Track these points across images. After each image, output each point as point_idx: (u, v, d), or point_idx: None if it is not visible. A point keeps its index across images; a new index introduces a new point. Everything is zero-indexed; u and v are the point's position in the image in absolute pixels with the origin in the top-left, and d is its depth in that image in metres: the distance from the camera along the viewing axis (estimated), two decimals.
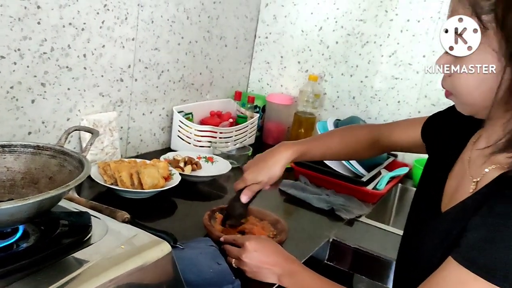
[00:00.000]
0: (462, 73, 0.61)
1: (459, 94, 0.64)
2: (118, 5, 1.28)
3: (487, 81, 0.58)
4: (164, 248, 0.71)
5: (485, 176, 0.66)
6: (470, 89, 0.62)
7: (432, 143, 0.88)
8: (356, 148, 1.08)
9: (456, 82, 0.63)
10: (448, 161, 0.77)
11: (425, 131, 0.92)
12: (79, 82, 1.24)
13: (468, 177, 0.69)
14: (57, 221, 0.70)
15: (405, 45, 1.68)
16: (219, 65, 1.78)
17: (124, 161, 1.25)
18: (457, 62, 0.62)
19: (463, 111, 0.67)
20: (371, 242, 1.19)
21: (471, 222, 0.60)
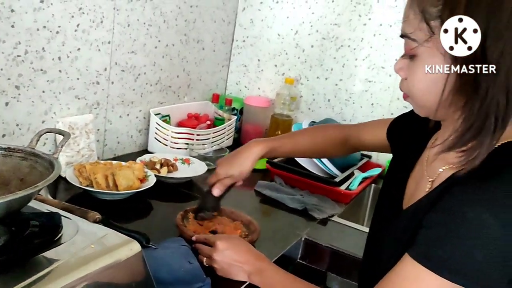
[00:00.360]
0: (415, 76, 0.64)
1: (414, 96, 0.67)
2: (94, 8, 1.29)
3: (437, 84, 0.61)
4: (134, 248, 0.73)
5: (440, 176, 0.69)
6: (423, 91, 0.65)
7: (396, 144, 0.92)
8: (326, 146, 1.12)
9: (411, 85, 0.66)
10: (410, 161, 0.80)
11: (390, 132, 0.96)
12: (54, 85, 1.25)
13: (425, 177, 0.73)
14: (28, 222, 0.72)
15: (378, 49, 1.72)
16: (197, 68, 1.80)
17: (99, 163, 1.26)
18: (411, 66, 0.65)
19: (419, 113, 0.70)
20: (344, 241, 1.23)
21: (425, 220, 0.63)
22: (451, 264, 0.58)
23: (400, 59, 0.68)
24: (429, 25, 0.60)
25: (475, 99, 0.59)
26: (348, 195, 1.44)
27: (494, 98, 0.57)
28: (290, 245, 1.15)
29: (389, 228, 0.76)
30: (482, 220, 0.56)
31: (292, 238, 1.18)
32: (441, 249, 0.59)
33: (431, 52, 0.61)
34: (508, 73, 0.56)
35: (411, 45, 0.64)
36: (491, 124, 0.58)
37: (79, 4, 1.24)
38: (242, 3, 1.94)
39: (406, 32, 0.64)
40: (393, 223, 0.75)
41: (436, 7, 0.60)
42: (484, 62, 0.57)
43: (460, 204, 0.59)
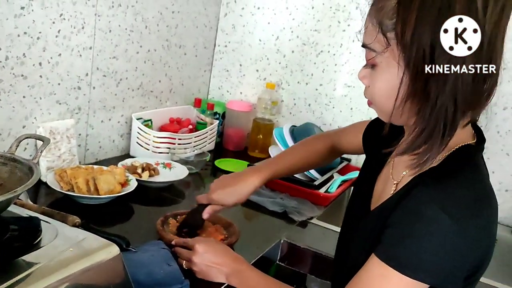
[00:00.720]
0: (376, 84, 0.68)
1: (375, 103, 0.71)
2: (75, 14, 1.30)
3: (394, 91, 0.65)
4: (113, 251, 0.75)
5: (403, 178, 0.73)
6: (383, 98, 0.68)
7: (369, 146, 0.96)
8: (317, 160, 1.16)
9: (372, 92, 0.69)
10: (378, 163, 0.84)
11: (365, 135, 0.99)
12: (35, 90, 1.26)
13: (391, 179, 0.77)
14: (7, 226, 0.72)
15: (357, 55, 1.76)
16: (179, 72, 1.82)
17: (81, 167, 1.27)
18: (372, 74, 0.69)
19: (383, 119, 0.74)
20: (322, 243, 1.25)
21: (388, 220, 0.66)
22: (412, 262, 0.61)
23: (363, 68, 0.72)
24: (385, 36, 0.64)
25: (426, 106, 0.62)
26: (327, 198, 1.47)
27: (443, 105, 0.61)
28: (269, 247, 1.17)
29: (357, 228, 0.79)
30: (437, 218, 0.60)
31: (271, 240, 1.21)
32: (402, 247, 0.62)
33: (388, 62, 0.65)
34: (456, 82, 0.60)
35: (371, 55, 0.67)
36: (440, 130, 0.62)
37: (60, 10, 1.25)
38: (224, 9, 1.97)
39: (366, 42, 0.68)
40: (361, 223, 0.78)
41: (391, 19, 0.63)
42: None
43: (417, 204, 0.63)
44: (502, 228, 1.56)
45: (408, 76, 0.63)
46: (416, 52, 0.61)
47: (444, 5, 0.59)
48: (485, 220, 0.63)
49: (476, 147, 0.70)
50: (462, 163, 0.66)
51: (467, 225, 0.60)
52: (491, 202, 0.65)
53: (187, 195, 1.43)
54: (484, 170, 0.69)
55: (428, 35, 0.60)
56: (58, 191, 1.18)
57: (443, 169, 0.65)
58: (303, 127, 1.69)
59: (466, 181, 0.64)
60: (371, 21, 0.66)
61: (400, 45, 0.62)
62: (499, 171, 1.57)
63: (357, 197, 0.87)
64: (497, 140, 1.56)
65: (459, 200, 0.61)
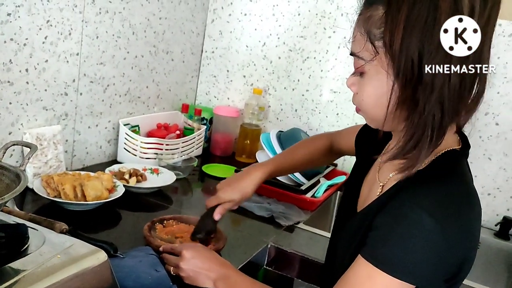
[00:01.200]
0: (364, 92, 0.70)
1: (364, 110, 0.72)
2: (62, 21, 1.30)
3: (383, 98, 0.67)
4: (100, 257, 0.75)
5: (389, 181, 0.75)
6: (371, 105, 0.70)
7: (360, 149, 0.98)
8: (318, 157, 1.19)
9: (361, 99, 0.71)
10: (365, 166, 0.86)
11: (357, 138, 1.02)
12: (22, 97, 1.25)
13: (377, 182, 0.79)
14: None
15: (342, 61, 1.78)
16: (166, 78, 1.83)
17: (68, 173, 1.27)
18: (360, 82, 0.70)
19: (371, 125, 0.75)
20: (309, 247, 1.27)
21: (374, 222, 0.68)
22: (396, 263, 0.63)
23: (351, 75, 0.73)
24: (374, 45, 0.66)
25: (415, 113, 0.64)
26: (314, 202, 1.49)
27: (430, 113, 0.62)
28: (257, 252, 1.18)
29: (344, 229, 0.81)
30: (421, 220, 0.61)
31: (258, 245, 1.22)
32: (387, 248, 0.64)
33: (377, 70, 0.67)
34: (443, 90, 0.62)
35: (359, 63, 0.69)
36: (428, 136, 0.63)
37: (47, 16, 1.26)
38: (211, 15, 1.98)
39: (354, 51, 0.70)
40: (347, 225, 0.80)
41: (379, 29, 0.65)
42: (420, 81, 0.62)
43: (402, 206, 0.65)
44: (485, 231, 1.59)
45: (397, 85, 0.64)
46: (405, 61, 0.62)
47: (430, 15, 0.61)
48: (467, 223, 0.65)
49: (461, 153, 0.72)
50: (447, 168, 0.68)
51: (450, 228, 0.62)
52: (474, 206, 0.67)
53: (175, 200, 1.44)
54: (468, 175, 0.72)
55: (415, 44, 0.61)
56: (45, 198, 1.18)
57: (428, 173, 0.67)
58: (290, 132, 1.71)
59: (450, 185, 0.66)
60: (359, 30, 0.68)
61: (389, 54, 0.64)
62: (481, 175, 1.60)
63: (345, 199, 0.89)
64: (479, 145, 1.59)
65: (443, 203, 0.63)
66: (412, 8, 0.61)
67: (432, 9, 0.60)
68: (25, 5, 1.19)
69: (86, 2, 1.37)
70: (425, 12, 0.61)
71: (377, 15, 0.65)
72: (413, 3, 0.61)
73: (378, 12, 0.65)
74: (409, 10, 0.61)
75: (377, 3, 0.66)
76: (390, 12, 0.63)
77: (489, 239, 1.55)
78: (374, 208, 0.72)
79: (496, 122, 1.57)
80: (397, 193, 0.68)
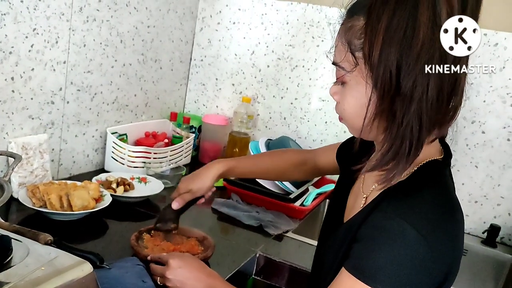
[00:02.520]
0: (345, 101, 0.70)
1: (346, 118, 0.73)
2: (48, 29, 1.29)
3: (363, 109, 0.67)
4: (85, 268, 0.74)
5: (372, 192, 0.75)
6: (352, 115, 0.70)
7: (343, 163, 0.98)
8: (284, 169, 1.18)
9: (342, 108, 0.71)
10: (351, 178, 0.86)
11: (339, 153, 1.02)
12: (7, 105, 1.24)
13: (361, 193, 0.79)
14: None
15: (330, 69, 1.79)
16: (154, 86, 1.82)
17: (54, 183, 1.26)
18: (342, 91, 0.71)
19: (353, 134, 0.76)
20: (298, 256, 1.26)
21: (357, 234, 0.68)
22: (379, 275, 0.63)
23: (334, 84, 0.73)
24: (354, 55, 0.66)
25: (393, 125, 0.64)
26: (302, 211, 1.49)
27: (408, 124, 0.63)
28: (245, 261, 1.18)
29: (330, 241, 0.80)
30: (404, 232, 0.61)
31: (247, 254, 1.21)
32: (371, 261, 0.64)
33: (357, 80, 0.67)
34: (420, 102, 0.62)
35: (340, 72, 0.69)
36: (406, 147, 0.64)
37: (33, 25, 1.25)
38: (200, 24, 1.98)
39: (335, 60, 0.70)
40: (333, 236, 0.80)
41: (360, 39, 0.65)
42: (398, 92, 0.63)
43: (384, 218, 0.64)
44: (472, 239, 1.60)
45: (376, 95, 0.65)
46: (383, 72, 0.63)
47: (409, 27, 0.61)
48: (450, 233, 0.65)
49: (443, 162, 0.72)
50: (428, 178, 0.68)
51: (432, 239, 0.62)
52: (456, 216, 0.67)
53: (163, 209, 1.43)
54: (450, 184, 0.72)
55: (394, 56, 0.62)
56: (30, 208, 1.16)
57: (410, 184, 0.67)
58: (278, 140, 1.71)
59: (431, 196, 0.66)
60: (340, 40, 0.69)
61: (368, 65, 0.64)
62: (468, 183, 1.61)
63: (332, 209, 0.89)
64: (466, 153, 1.60)
65: (425, 214, 0.63)
66: (392, 20, 0.61)
67: (411, 21, 0.61)
68: (11, 13, 1.18)
69: (74, 10, 1.36)
70: (404, 24, 0.61)
71: (358, 26, 0.66)
72: (392, 14, 0.61)
73: (359, 23, 0.66)
74: (388, 21, 0.62)
75: (358, 14, 0.66)
76: (370, 23, 0.64)
77: (477, 247, 1.56)
78: (358, 220, 0.72)
79: (482, 130, 1.59)
80: (380, 204, 0.68)
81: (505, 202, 1.60)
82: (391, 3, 0.62)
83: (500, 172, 1.59)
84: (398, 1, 0.61)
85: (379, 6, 0.63)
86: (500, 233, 1.57)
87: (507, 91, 1.55)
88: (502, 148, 1.58)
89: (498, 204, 1.60)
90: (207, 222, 1.39)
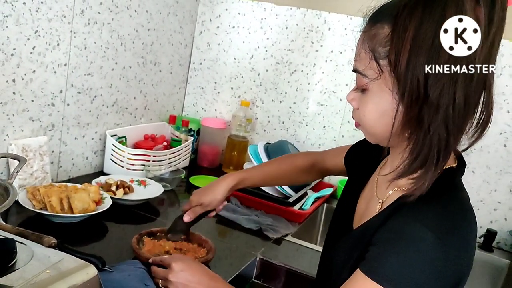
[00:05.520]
0: (366, 108, 0.70)
1: (365, 125, 0.73)
2: (50, 31, 1.30)
3: (386, 115, 0.67)
4: (90, 272, 0.74)
5: (389, 198, 0.75)
6: (373, 121, 0.70)
7: (351, 168, 0.99)
8: (293, 174, 1.19)
9: (362, 115, 0.71)
10: (360, 183, 0.86)
11: (347, 157, 1.03)
12: (7, 107, 1.24)
13: (375, 198, 0.79)
14: None
15: (329, 74, 1.80)
16: (154, 89, 1.82)
17: (54, 185, 1.25)
18: (362, 98, 0.71)
19: (370, 140, 0.76)
20: (297, 259, 1.27)
21: (374, 238, 0.68)
22: (395, 277, 0.63)
23: (352, 91, 0.73)
24: (378, 63, 0.66)
25: (420, 132, 0.64)
26: (301, 214, 1.50)
27: (435, 132, 0.63)
28: (245, 265, 1.18)
29: (339, 246, 0.81)
30: (424, 237, 0.62)
31: (247, 257, 1.22)
32: (388, 263, 0.64)
33: (381, 88, 0.67)
34: (447, 110, 0.62)
35: (363, 80, 0.69)
36: (435, 155, 0.64)
37: (35, 27, 1.25)
38: (199, 27, 1.99)
39: (358, 68, 0.70)
40: (343, 241, 0.80)
41: (385, 47, 0.65)
42: (426, 101, 0.63)
43: (403, 223, 0.65)
44: None
45: (402, 104, 0.65)
46: (411, 81, 0.63)
47: (437, 36, 0.61)
48: (466, 240, 0.66)
49: (458, 170, 0.73)
50: (446, 186, 0.69)
51: (451, 245, 0.63)
52: (472, 223, 0.69)
53: (162, 212, 1.43)
54: (465, 192, 0.73)
55: (422, 65, 0.62)
56: (30, 210, 1.16)
57: (429, 191, 0.67)
58: (277, 144, 1.72)
59: (451, 203, 0.67)
60: (363, 48, 0.68)
61: (394, 73, 0.65)
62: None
63: (339, 216, 0.89)
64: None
65: (444, 221, 0.64)
66: (419, 29, 0.62)
67: (439, 30, 0.61)
68: (13, 15, 1.18)
69: (75, 13, 1.36)
70: (432, 33, 0.61)
71: (383, 34, 0.66)
72: (420, 23, 0.62)
73: (384, 31, 0.66)
74: (415, 31, 0.62)
75: (382, 22, 0.66)
76: (397, 31, 0.64)
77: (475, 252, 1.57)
78: (374, 224, 0.72)
79: None
80: (398, 210, 0.68)
81: (501, 207, 1.61)
82: (418, 12, 0.62)
83: (496, 177, 1.60)
84: (425, 10, 0.62)
85: (406, 15, 0.63)
86: (496, 238, 1.59)
87: (504, 98, 1.57)
88: (498, 154, 1.60)
89: (495, 209, 1.62)
90: (206, 226, 1.39)
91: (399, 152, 0.71)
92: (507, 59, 1.55)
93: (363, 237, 0.73)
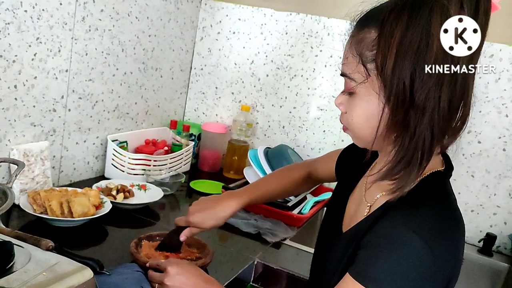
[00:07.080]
0: (353, 112, 0.71)
1: (352, 129, 0.74)
2: (51, 38, 1.32)
3: (373, 119, 0.68)
4: (86, 274, 0.75)
5: (377, 201, 0.76)
6: (360, 125, 0.71)
7: (341, 172, 0.99)
8: (293, 187, 1.20)
9: (349, 118, 0.72)
10: (349, 186, 0.87)
11: (338, 162, 1.03)
12: (9, 113, 1.26)
13: (364, 202, 0.79)
14: None
15: (329, 79, 1.81)
16: (155, 95, 1.84)
17: (54, 190, 1.27)
18: (350, 101, 0.72)
19: (358, 144, 0.77)
20: (296, 264, 1.28)
21: (362, 241, 0.69)
22: (384, 281, 0.64)
23: (341, 94, 0.75)
24: (365, 67, 0.67)
25: (405, 135, 0.66)
26: (300, 219, 1.50)
27: (421, 135, 0.64)
28: (243, 268, 1.19)
29: (330, 249, 0.81)
30: (411, 241, 0.63)
31: (245, 261, 1.23)
32: (376, 267, 0.65)
33: (368, 91, 0.68)
34: (433, 114, 0.63)
35: (350, 84, 0.70)
36: (418, 158, 0.65)
37: (36, 34, 1.27)
38: (200, 33, 2.01)
39: (346, 72, 0.71)
40: (333, 244, 0.81)
41: (372, 51, 0.67)
42: (412, 104, 0.64)
43: (391, 227, 0.66)
44: (468, 248, 1.61)
45: (388, 107, 0.66)
46: (397, 84, 0.64)
47: (423, 41, 0.63)
48: (453, 244, 0.67)
49: (445, 174, 0.74)
50: (433, 189, 0.70)
51: (437, 249, 0.63)
52: (459, 227, 0.69)
53: (162, 216, 1.44)
54: (453, 196, 0.73)
55: (408, 68, 0.63)
56: (31, 214, 1.18)
57: (416, 195, 0.68)
58: (277, 149, 1.73)
59: (437, 207, 0.68)
60: (351, 52, 0.70)
61: (380, 77, 0.66)
62: (464, 192, 1.63)
63: (329, 219, 0.90)
64: (463, 163, 1.62)
65: (431, 224, 0.65)
66: (405, 33, 0.63)
67: (425, 35, 0.62)
68: (15, 22, 1.21)
69: (76, 20, 1.38)
70: (418, 38, 0.63)
71: (370, 38, 0.67)
72: (406, 28, 0.63)
73: (371, 35, 0.67)
74: (402, 35, 0.63)
75: (369, 26, 0.68)
76: (383, 35, 0.65)
77: (473, 256, 1.57)
78: (362, 227, 0.73)
79: (478, 140, 1.61)
80: (386, 213, 0.69)
81: (501, 211, 1.61)
82: (404, 17, 0.63)
83: (496, 181, 1.61)
84: (411, 15, 0.63)
85: (392, 20, 0.64)
86: (496, 242, 1.59)
87: (503, 102, 1.57)
88: (498, 158, 1.60)
89: (494, 213, 1.62)
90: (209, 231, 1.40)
91: (385, 155, 0.72)
92: (505, 63, 1.55)
93: (352, 240, 0.74)
